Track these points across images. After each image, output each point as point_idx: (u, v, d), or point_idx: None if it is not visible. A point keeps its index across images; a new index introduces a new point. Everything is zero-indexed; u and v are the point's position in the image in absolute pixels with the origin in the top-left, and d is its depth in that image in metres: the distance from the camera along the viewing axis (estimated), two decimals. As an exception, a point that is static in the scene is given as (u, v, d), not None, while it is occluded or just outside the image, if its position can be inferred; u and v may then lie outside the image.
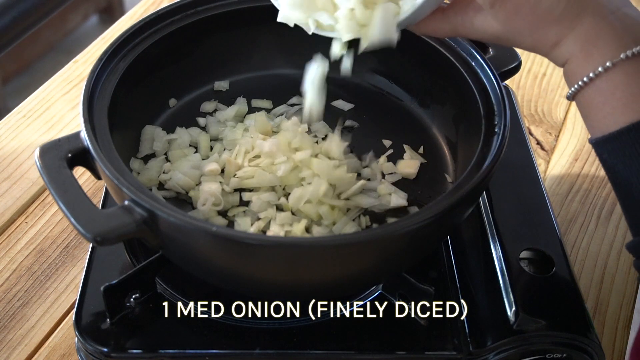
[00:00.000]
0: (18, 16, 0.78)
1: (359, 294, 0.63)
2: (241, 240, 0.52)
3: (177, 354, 0.59)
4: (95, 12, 2.43)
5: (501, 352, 0.60)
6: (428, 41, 0.72)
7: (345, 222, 0.64)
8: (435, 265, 0.66)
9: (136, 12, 1.12)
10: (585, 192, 0.85)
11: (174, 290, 0.63)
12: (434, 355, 0.60)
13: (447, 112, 0.73)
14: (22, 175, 0.84)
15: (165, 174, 0.68)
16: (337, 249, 0.53)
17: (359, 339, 0.61)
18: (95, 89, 0.63)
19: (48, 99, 0.94)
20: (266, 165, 0.68)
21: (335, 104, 0.78)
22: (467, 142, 0.69)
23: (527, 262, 0.64)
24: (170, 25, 0.72)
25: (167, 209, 0.52)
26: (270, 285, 0.59)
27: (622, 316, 0.73)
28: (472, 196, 0.57)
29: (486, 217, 0.69)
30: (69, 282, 0.73)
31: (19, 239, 0.77)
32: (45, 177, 0.56)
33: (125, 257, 0.66)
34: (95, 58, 0.66)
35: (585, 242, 0.79)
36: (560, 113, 0.97)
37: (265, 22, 0.76)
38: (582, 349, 0.59)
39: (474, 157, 0.60)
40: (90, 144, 0.57)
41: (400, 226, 0.53)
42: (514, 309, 0.60)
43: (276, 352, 0.60)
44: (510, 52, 0.74)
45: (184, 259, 0.59)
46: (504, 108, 0.63)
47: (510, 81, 0.97)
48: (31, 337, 0.68)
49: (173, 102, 0.76)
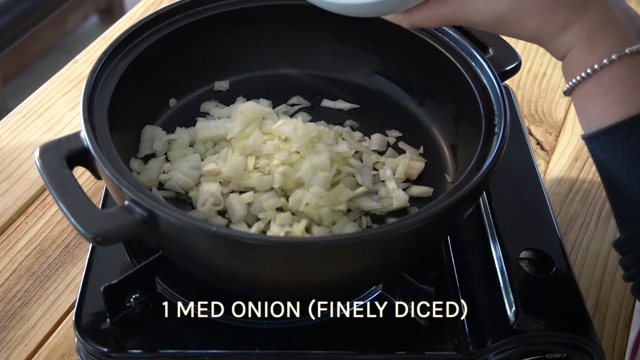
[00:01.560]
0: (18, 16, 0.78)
1: (359, 294, 0.63)
2: (241, 240, 0.52)
3: (177, 354, 0.59)
4: (95, 12, 2.43)
5: (501, 352, 0.60)
6: (428, 41, 0.72)
7: (345, 222, 0.64)
8: (435, 265, 0.66)
9: (136, 12, 1.12)
10: (585, 192, 0.85)
11: (174, 290, 0.63)
12: (434, 355, 0.60)
13: (447, 112, 0.73)
14: (22, 175, 0.84)
15: (165, 174, 0.68)
16: (337, 249, 0.53)
17: (359, 339, 0.61)
18: (95, 89, 0.63)
19: (48, 99, 0.94)
20: (263, 167, 0.67)
21: (335, 104, 0.78)
22: (467, 142, 0.69)
23: (527, 262, 0.64)
24: (170, 25, 0.72)
25: (167, 209, 0.52)
26: (270, 285, 0.59)
27: (622, 316, 0.73)
28: (472, 196, 0.57)
29: (486, 217, 0.69)
30: (69, 282, 0.73)
31: (19, 239, 0.77)
32: (45, 177, 0.56)
33: (125, 257, 0.66)
34: (95, 58, 0.66)
35: (585, 242, 0.79)
36: (560, 113, 0.97)
37: (265, 22, 0.76)
38: (582, 349, 0.59)
39: (474, 157, 0.60)
40: (90, 144, 0.57)
41: (400, 226, 0.53)
42: (514, 309, 0.60)
43: (276, 352, 0.60)
44: (510, 52, 0.74)
45: (183, 259, 0.59)
46: (504, 108, 0.63)
47: (510, 81, 0.97)
48: (31, 337, 0.68)
49: (173, 102, 0.76)
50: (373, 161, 0.71)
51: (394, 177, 0.69)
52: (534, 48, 1.08)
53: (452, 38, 0.71)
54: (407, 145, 0.74)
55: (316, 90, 0.79)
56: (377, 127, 0.76)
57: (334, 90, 0.80)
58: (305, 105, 0.78)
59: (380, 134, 0.75)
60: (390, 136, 0.75)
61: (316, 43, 0.77)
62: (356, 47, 0.79)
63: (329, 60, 0.80)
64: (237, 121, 0.70)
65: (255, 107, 0.71)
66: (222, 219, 0.65)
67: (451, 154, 0.72)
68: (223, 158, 0.68)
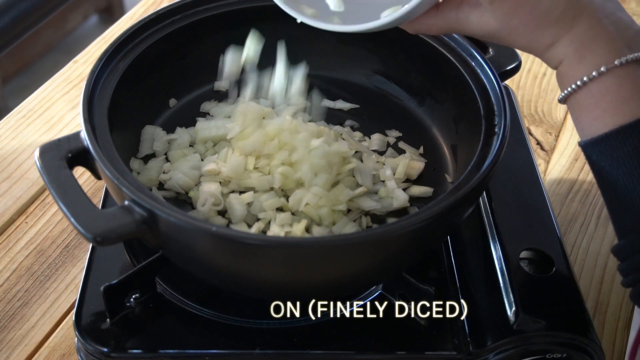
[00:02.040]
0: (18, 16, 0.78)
1: (359, 294, 0.63)
2: (241, 240, 0.52)
3: (177, 354, 0.59)
4: (95, 12, 2.43)
5: (501, 352, 0.60)
6: (428, 41, 0.72)
7: (345, 222, 0.64)
8: (435, 265, 0.66)
9: (136, 12, 1.12)
10: (585, 192, 0.85)
11: (174, 290, 0.63)
12: (434, 355, 0.60)
13: (447, 112, 0.73)
14: (22, 175, 0.84)
15: (165, 174, 0.68)
16: (337, 249, 0.53)
17: (359, 339, 0.61)
18: (95, 89, 0.63)
19: (48, 99, 0.94)
20: (263, 167, 0.67)
21: (335, 104, 0.78)
22: (467, 142, 0.69)
23: (527, 262, 0.64)
24: (170, 25, 0.72)
25: (167, 209, 0.52)
26: (270, 285, 0.59)
27: (622, 316, 0.73)
28: (472, 196, 0.57)
29: (486, 217, 0.69)
30: (69, 282, 0.73)
31: (19, 239, 0.77)
32: (45, 177, 0.56)
33: (125, 257, 0.66)
34: (95, 58, 0.66)
35: (585, 242, 0.79)
36: (560, 113, 0.97)
37: (265, 22, 0.76)
38: (582, 349, 0.59)
39: (474, 157, 0.60)
40: (90, 144, 0.57)
41: (400, 226, 0.53)
42: (514, 309, 0.60)
43: (276, 352, 0.60)
44: (510, 52, 0.74)
45: (183, 258, 0.59)
46: (504, 108, 0.63)
47: (510, 81, 0.97)
48: (31, 337, 0.68)
49: (173, 102, 0.76)
50: (373, 161, 0.71)
51: (394, 177, 0.69)
52: (534, 48, 1.08)
53: (452, 38, 0.71)
54: (407, 145, 0.74)
55: (316, 90, 0.79)
56: (377, 127, 0.76)
57: (334, 90, 0.80)
58: (305, 106, 0.78)
59: (380, 134, 0.75)
60: (390, 136, 0.75)
61: (316, 43, 0.77)
62: (356, 47, 0.79)
63: (329, 60, 0.80)
64: (237, 121, 0.70)
65: (255, 107, 0.71)
66: (222, 219, 0.65)
67: (451, 154, 0.72)
68: (223, 158, 0.68)
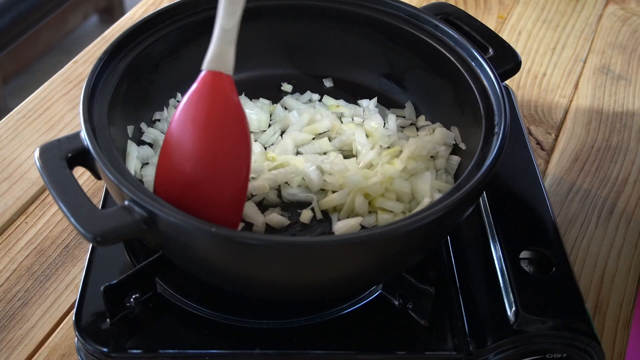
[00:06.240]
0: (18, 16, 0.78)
1: (359, 294, 0.63)
2: (241, 241, 0.52)
3: (177, 354, 0.59)
4: (95, 12, 2.43)
5: (501, 352, 0.60)
6: (428, 41, 0.72)
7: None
8: (435, 265, 0.66)
9: (136, 12, 1.12)
10: (585, 192, 0.85)
11: (174, 290, 0.63)
12: (434, 355, 0.60)
13: (448, 112, 0.73)
14: (22, 175, 0.84)
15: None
16: (337, 249, 0.53)
17: (359, 339, 0.61)
18: (95, 89, 0.63)
19: (48, 99, 0.94)
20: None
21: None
22: (467, 142, 0.69)
23: (527, 262, 0.64)
24: (170, 25, 0.72)
25: (167, 209, 0.52)
26: (270, 285, 0.59)
27: (622, 316, 0.73)
28: (472, 196, 0.57)
29: (486, 217, 0.69)
30: (69, 282, 0.73)
31: (19, 239, 0.77)
32: (45, 177, 0.56)
33: (125, 257, 0.66)
34: (95, 58, 0.66)
35: (585, 242, 0.79)
36: (560, 113, 0.97)
37: (264, 22, 0.76)
38: (582, 349, 0.59)
39: (474, 157, 0.60)
40: (90, 144, 0.57)
41: (400, 226, 0.53)
42: (514, 308, 0.60)
43: (276, 352, 0.60)
44: (510, 52, 0.74)
45: (184, 259, 0.59)
46: (504, 108, 0.63)
47: (510, 81, 0.97)
48: (31, 337, 0.68)
49: (173, 102, 0.76)
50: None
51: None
52: (534, 48, 1.08)
53: (452, 38, 0.71)
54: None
55: (316, 90, 0.79)
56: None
57: (334, 90, 0.80)
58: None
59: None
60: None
61: (317, 43, 0.77)
62: (357, 47, 0.79)
63: (330, 60, 0.80)
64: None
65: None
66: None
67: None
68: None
